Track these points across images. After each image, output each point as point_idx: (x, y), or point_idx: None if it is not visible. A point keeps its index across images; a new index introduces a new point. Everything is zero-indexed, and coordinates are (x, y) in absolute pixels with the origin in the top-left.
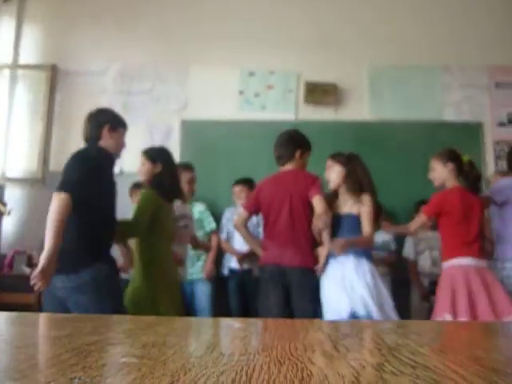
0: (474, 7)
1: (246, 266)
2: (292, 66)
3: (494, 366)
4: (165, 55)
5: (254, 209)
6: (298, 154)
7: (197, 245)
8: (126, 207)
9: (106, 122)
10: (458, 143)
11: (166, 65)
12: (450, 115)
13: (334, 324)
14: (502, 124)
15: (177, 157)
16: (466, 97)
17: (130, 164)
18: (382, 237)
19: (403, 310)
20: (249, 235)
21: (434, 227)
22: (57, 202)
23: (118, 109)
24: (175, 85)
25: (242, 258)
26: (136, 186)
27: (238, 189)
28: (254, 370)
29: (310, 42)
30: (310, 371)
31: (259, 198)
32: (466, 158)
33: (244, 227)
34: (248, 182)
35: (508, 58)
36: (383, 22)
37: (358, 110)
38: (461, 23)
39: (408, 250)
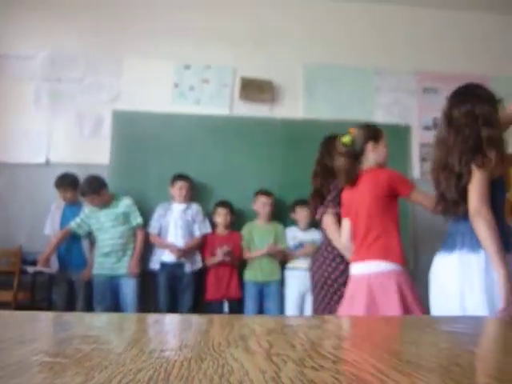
0: (405, 15)
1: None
2: (228, 60)
3: (410, 359)
4: (98, 44)
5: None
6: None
7: None
8: (50, 198)
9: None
10: (387, 144)
11: (99, 54)
12: (380, 117)
13: (260, 319)
14: (427, 128)
15: (107, 148)
16: (395, 100)
17: (56, 154)
18: (312, 236)
19: None
20: None
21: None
22: None
23: (45, 96)
24: (108, 75)
25: (180, 251)
26: (66, 182)
27: (178, 185)
28: (173, 367)
29: (246, 38)
30: (231, 367)
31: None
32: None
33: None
34: (188, 179)
35: (435, 64)
36: (319, 23)
37: (293, 108)
38: (392, 29)
39: None
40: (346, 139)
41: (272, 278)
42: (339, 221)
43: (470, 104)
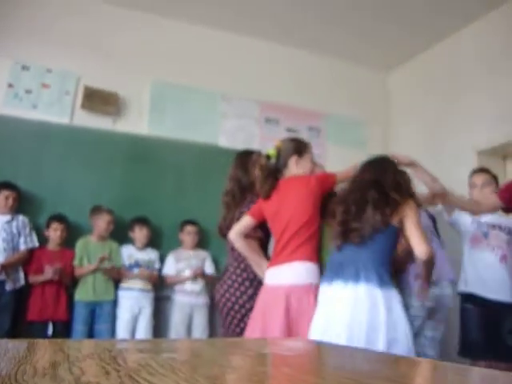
0: (254, 47)
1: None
2: (72, 67)
3: (223, 383)
4: None
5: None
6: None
7: None
8: None
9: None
10: (226, 169)
11: None
12: (224, 142)
13: (79, 343)
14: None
15: None
16: (239, 126)
17: None
18: (149, 255)
19: (163, 325)
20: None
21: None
22: None
23: None
24: None
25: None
26: None
27: (3, 194)
28: None
29: (93, 46)
30: None
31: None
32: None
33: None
34: (14, 188)
35: (277, 96)
36: (171, 42)
37: (137, 123)
38: (241, 59)
39: (169, 268)
40: (271, 151)
41: (105, 297)
42: (260, 242)
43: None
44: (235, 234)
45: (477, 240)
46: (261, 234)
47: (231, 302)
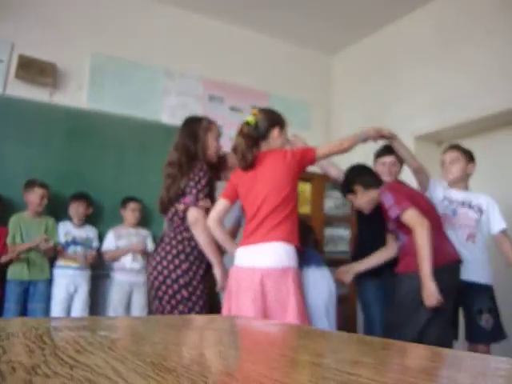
0: (197, 22)
1: None
2: (6, 34)
3: (153, 360)
4: None
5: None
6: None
7: None
8: None
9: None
10: (168, 146)
11: None
12: (165, 118)
13: (5, 322)
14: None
15: None
16: (182, 103)
17: None
18: (87, 233)
19: (101, 304)
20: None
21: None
22: None
23: None
24: None
25: None
26: None
27: None
28: None
29: (30, 12)
30: None
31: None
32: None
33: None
34: None
35: (223, 74)
36: (113, 14)
37: (76, 96)
38: (185, 34)
39: (108, 244)
40: (250, 119)
41: (40, 276)
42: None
43: None
44: (213, 221)
45: (445, 218)
46: (209, 205)
47: (163, 276)
